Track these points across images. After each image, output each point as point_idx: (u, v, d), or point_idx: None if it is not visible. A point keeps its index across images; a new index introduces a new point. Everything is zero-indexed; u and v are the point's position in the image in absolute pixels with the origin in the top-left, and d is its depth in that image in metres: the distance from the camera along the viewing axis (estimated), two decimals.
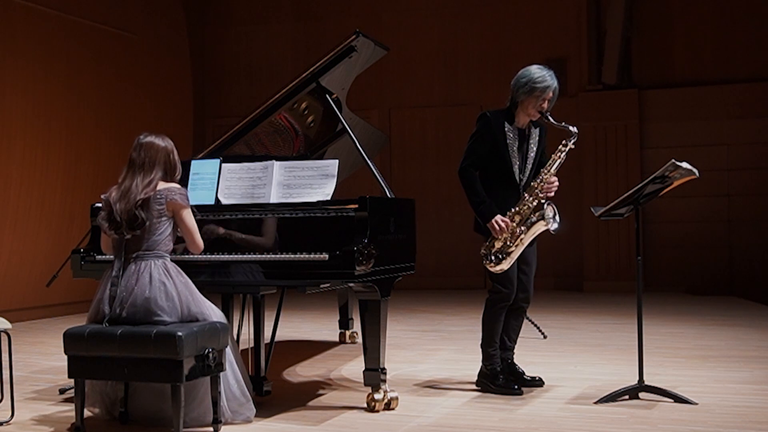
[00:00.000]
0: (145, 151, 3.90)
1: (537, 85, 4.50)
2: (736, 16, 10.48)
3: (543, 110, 4.57)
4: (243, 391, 3.98)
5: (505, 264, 4.48)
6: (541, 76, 4.53)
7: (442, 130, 11.27)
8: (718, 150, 10.35)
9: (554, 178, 4.53)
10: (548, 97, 4.55)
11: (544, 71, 4.56)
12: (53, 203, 8.70)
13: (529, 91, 4.51)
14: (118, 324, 3.70)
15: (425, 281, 10.50)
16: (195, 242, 3.93)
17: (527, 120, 4.63)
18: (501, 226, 4.44)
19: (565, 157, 4.54)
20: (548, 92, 4.54)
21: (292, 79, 4.88)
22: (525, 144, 4.63)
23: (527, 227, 4.47)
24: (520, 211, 4.50)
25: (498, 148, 4.56)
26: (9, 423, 4.03)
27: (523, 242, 4.48)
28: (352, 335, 6.54)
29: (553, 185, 4.54)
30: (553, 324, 7.24)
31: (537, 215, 4.48)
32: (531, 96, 4.52)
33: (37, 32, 8.49)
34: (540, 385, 4.69)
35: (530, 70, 4.58)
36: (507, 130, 4.58)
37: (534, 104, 4.54)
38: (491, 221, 4.46)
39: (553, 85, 4.55)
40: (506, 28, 11.20)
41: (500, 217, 4.46)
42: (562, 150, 4.53)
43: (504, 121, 4.59)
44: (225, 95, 12.20)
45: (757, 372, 5.08)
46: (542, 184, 4.50)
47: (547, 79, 4.53)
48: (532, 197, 4.50)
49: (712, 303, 8.99)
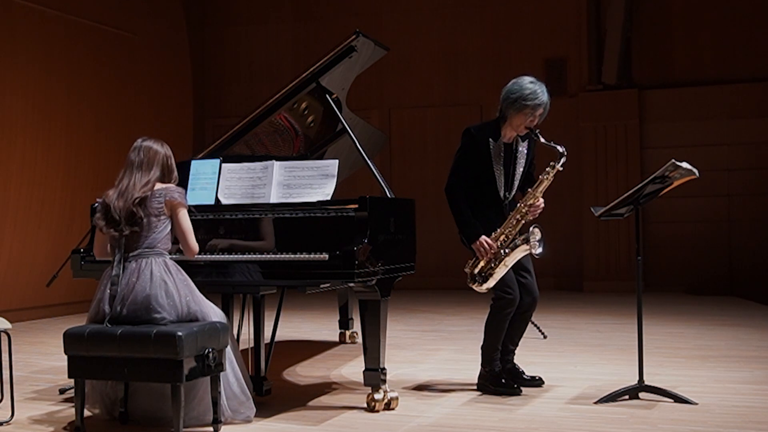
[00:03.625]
0: (143, 153, 3.91)
1: (527, 102, 4.37)
2: (736, 16, 10.48)
3: (531, 126, 4.45)
4: (243, 390, 3.98)
5: (491, 282, 4.41)
6: (533, 91, 4.38)
7: (442, 130, 11.26)
8: (718, 150, 10.35)
9: (541, 200, 4.44)
10: (538, 114, 4.43)
11: (536, 86, 4.41)
12: (53, 203, 8.70)
13: (520, 108, 4.39)
14: (119, 322, 3.70)
15: (425, 281, 10.49)
16: (189, 244, 3.89)
17: (514, 134, 4.52)
18: (485, 247, 4.37)
19: (552, 179, 4.44)
20: (539, 109, 4.41)
21: (292, 79, 4.88)
22: (510, 159, 4.52)
23: (511, 249, 4.39)
24: (504, 232, 4.41)
25: (482, 165, 4.46)
26: (9, 423, 4.03)
27: (506, 264, 4.40)
28: (352, 335, 6.54)
29: (539, 208, 4.45)
30: (553, 324, 7.24)
31: (522, 238, 4.39)
32: (520, 113, 4.40)
33: (37, 32, 8.49)
34: (540, 385, 4.68)
35: (522, 84, 4.42)
36: (492, 147, 4.47)
37: (523, 120, 4.42)
38: (476, 242, 4.39)
39: (545, 102, 4.41)
40: (506, 28, 11.21)
41: (485, 238, 4.38)
42: (550, 172, 4.42)
43: (489, 138, 4.47)
44: (225, 95, 12.21)
45: (757, 372, 5.08)
46: (528, 206, 4.42)
47: (539, 95, 4.38)
48: (517, 218, 4.42)
49: (712, 303, 8.98)
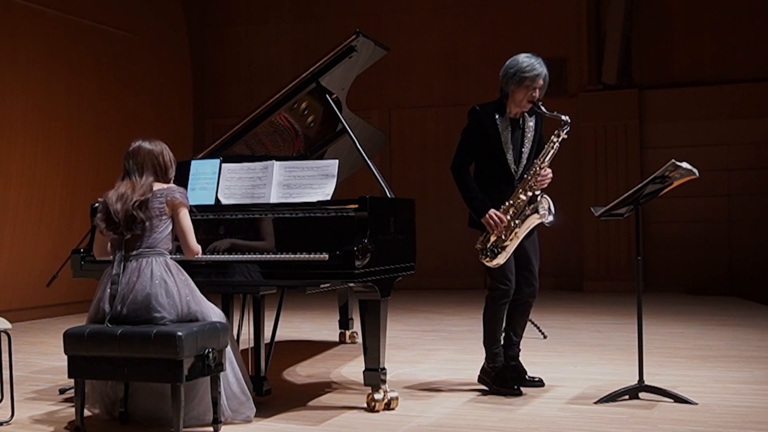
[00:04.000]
0: (133, 159, 3.93)
1: (526, 74, 4.41)
2: (736, 16, 10.48)
3: (534, 99, 4.47)
4: (243, 390, 3.98)
5: (501, 258, 4.40)
6: (530, 64, 4.43)
7: (442, 130, 11.26)
8: (718, 150, 10.35)
9: (548, 170, 4.44)
10: (539, 86, 4.45)
11: (532, 59, 4.46)
12: (53, 203, 8.70)
13: (519, 81, 4.42)
14: (119, 322, 3.70)
15: (425, 281, 10.50)
16: (189, 244, 3.89)
17: (519, 110, 4.52)
18: (495, 220, 4.37)
19: (558, 147, 4.44)
20: (538, 80, 4.43)
21: (292, 79, 4.88)
22: (518, 134, 4.53)
23: (522, 220, 4.39)
24: (514, 204, 4.41)
25: (490, 141, 4.47)
26: (9, 423, 4.03)
27: (518, 236, 4.40)
28: (352, 335, 6.54)
29: (546, 177, 4.45)
30: (553, 324, 7.24)
31: (531, 208, 4.39)
32: (521, 86, 4.42)
33: (37, 32, 8.49)
34: (540, 386, 4.67)
35: (518, 59, 4.48)
36: (498, 122, 4.48)
37: (524, 94, 4.44)
38: (485, 216, 4.38)
39: (543, 73, 4.44)
40: (506, 28, 11.20)
41: (494, 211, 4.38)
42: (555, 141, 4.43)
43: (494, 113, 4.50)
44: (225, 95, 12.20)
45: (757, 372, 5.08)
46: (535, 177, 4.41)
47: (536, 67, 4.43)
48: (525, 190, 4.41)
49: (712, 303, 8.98)
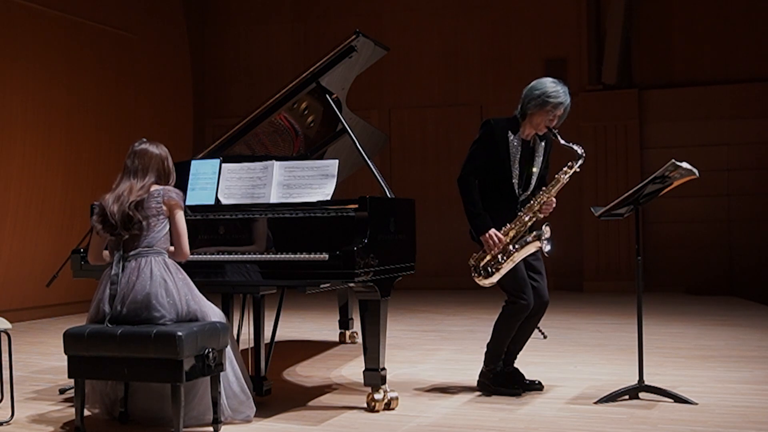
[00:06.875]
0: (138, 158, 3.92)
1: (550, 99, 4.37)
2: (736, 16, 10.48)
3: (551, 126, 4.45)
4: (243, 389, 3.98)
5: (495, 278, 4.38)
6: (555, 91, 4.39)
7: (442, 130, 11.27)
8: (718, 150, 10.35)
9: (553, 200, 4.44)
10: (559, 114, 4.43)
11: (559, 86, 4.43)
12: (53, 203, 8.70)
13: (542, 104, 4.38)
14: (119, 321, 3.70)
15: (425, 281, 10.50)
16: (182, 246, 3.88)
17: (533, 132, 4.50)
18: (494, 240, 4.35)
19: (568, 179, 4.44)
20: (560, 108, 4.41)
21: (292, 79, 4.88)
22: (528, 156, 4.50)
23: (521, 246, 4.37)
24: (515, 228, 4.39)
25: (499, 158, 4.44)
26: (9, 423, 4.03)
27: (513, 260, 4.37)
28: (352, 335, 6.54)
29: (551, 206, 4.44)
30: (553, 324, 7.23)
31: (533, 235, 4.37)
32: (542, 110, 4.39)
33: (37, 32, 8.49)
34: (539, 389, 4.60)
35: (544, 83, 4.44)
36: (510, 140, 4.45)
37: (543, 118, 4.41)
38: (485, 234, 4.37)
39: (567, 102, 4.42)
40: (506, 28, 11.21)
41: (494, 232, 4.35)
42: (567, 172, 4.43)
43: (508, 131, 4.47)
44: (225, 95, 12.21)
45: (757, 372, 5.08)
46: (541, 205, 4.40)
47: (561, 95, 4.40)
48: (529, 215, 4.40)
49: (712, 303, 8.98)
